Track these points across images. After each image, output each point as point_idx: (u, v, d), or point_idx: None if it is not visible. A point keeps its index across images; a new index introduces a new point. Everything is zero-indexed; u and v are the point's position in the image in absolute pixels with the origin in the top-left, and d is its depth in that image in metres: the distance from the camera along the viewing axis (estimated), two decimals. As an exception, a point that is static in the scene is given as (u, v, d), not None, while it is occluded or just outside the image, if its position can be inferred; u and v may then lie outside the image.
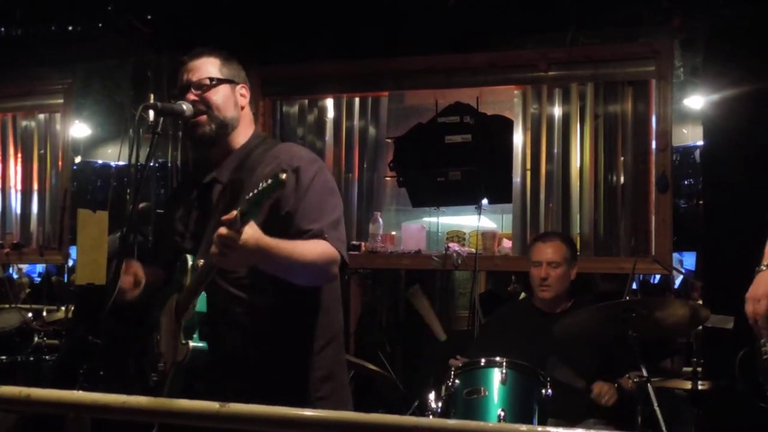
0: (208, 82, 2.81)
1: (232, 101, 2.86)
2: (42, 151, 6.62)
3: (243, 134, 2.89)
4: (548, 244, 4.34)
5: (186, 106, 2.83)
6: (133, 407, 2.10)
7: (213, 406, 2.08)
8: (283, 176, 2.25)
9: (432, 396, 3.70)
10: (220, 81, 2.82)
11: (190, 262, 2.72)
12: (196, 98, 2.80)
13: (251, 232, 2.38)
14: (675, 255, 6.75)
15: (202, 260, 2.65)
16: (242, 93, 2.90)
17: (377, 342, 5.91)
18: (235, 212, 2.31)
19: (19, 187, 6.69)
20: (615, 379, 3.95)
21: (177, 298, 2.75)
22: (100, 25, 5.80)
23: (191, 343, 2.64)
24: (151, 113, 2.77)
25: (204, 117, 2.80)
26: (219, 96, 2.82)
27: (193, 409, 2.15)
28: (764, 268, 3.01)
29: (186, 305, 2.68)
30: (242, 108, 2.89)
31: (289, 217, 2.66)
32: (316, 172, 2.75)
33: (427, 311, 5.00)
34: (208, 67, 2.84)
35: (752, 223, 4.49)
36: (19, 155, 6.69)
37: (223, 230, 2.32)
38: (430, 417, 3.60)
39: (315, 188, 2.73)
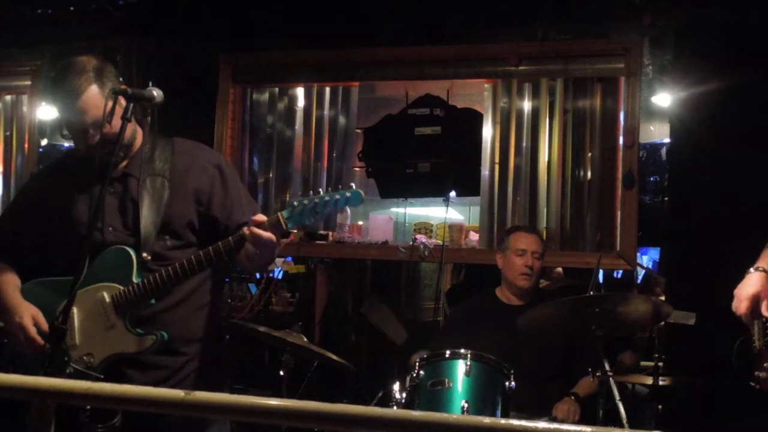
0: (102, 119, 2.75)
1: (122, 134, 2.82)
2: (8, 133, 6.52)
3: (137, 135, 2.97)
4: (532, 234, 4.44)
5: (156, 92, 2.84)
6: (97, 393, 2.09)
7: (178, 394, 2.08)
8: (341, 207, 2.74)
9: (396, 387, 3.70)
10: (111, 114, 2.75)
11: (134, 257, 2.81)
12: (97, 137, 2.79)
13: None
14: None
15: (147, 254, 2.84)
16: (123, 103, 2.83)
17: (342, 332, 5.93)
18: (279, 215, 2.66)
19: (-16, 169, 6.60)
20: (571, 390, 4.02)
21: (117, 291, 2.82)
22: (70, 8, 5.73)
23: (160, 334, 2.81)
24: (121, 99, 2.80)
25: (107, 148, 2.78)
26: (116, 128, 2.78)
27: (157, 396, 2.14)
28: (752, 270, 3.07)
29: (143, 299, 2.79)
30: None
31: (220, 210, 2.92)
32: (230, 166, 3.06)
33: (385, 322, 5.01)
34: (96, 102, 2.78)
35: (716, 221, 4.58)
36: (-14, 137, 6.60)
37: (265, 233, 2.63)
38: (395, 408, 3.61)
39: (236, 182, 3.03)
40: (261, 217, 2.69)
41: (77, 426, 2.67)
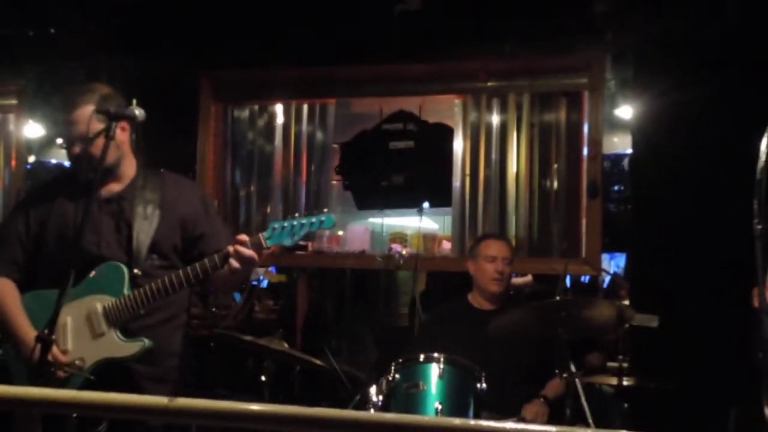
0: (88, 136, 2.94)
1: (113, 146, 2.95)
2: (-5, 151, 6.49)
3: (129, 163, 3.17)
4: (501, 241, 4.46)
5: (138, 111, 2.91)
6: (83, 402, 2.09)
7: (162, 401, 2.08)
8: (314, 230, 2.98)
9: (373, 390, 3.71)
10: (97, 135, 2.93)
11: (126, 272, 2.98)
12: (80, 151, 2.99)
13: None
14: (605, 256, 6.86)
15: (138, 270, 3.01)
16: (122, 127, 3.03)
17: (323, 338, 5.92)
18: (261, 236, 2.87)
19: (-28, 185, 6.55)
20: (539, 393, 4.04)
21: (109, 303, 2.96)
22: (52, 30, 5.70)
23: (146, 341, 2.97)
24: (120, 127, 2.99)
25: (93, 162, 2.95)
26: (98, 148, 2.91)
27: (141, 404, 2.15)
28: None
29: (133, 310, 2.94)
30: (122, 144, 3.09)
31: (201, 237, 3.13)
32: (210, 199, 3.40)
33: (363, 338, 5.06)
34: (86, 119, 2.95)
35: (677, 227, 4.63)
36: (-27, 155, 6.55)
37: (247, 251, 2.82)
38: (371, 410, 3.62)
39: (216, 214, 3.35)
40: (244, 237, 2.87)
41: None
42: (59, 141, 3.28)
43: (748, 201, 2.53)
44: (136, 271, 2.99)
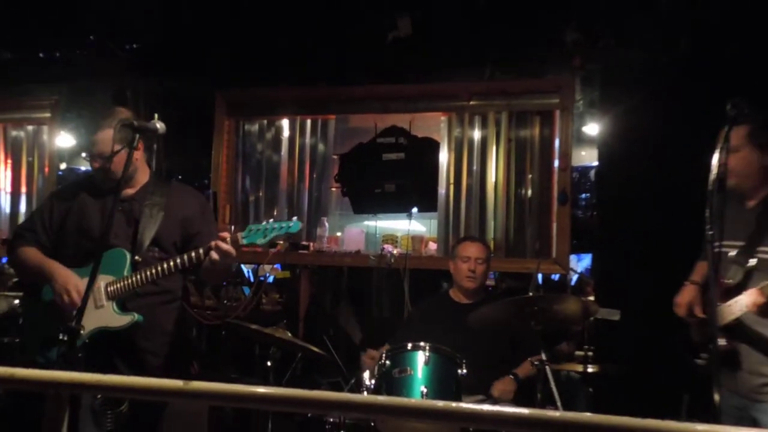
0: (107, 154, 3.13)
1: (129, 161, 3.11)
2: (30, 159, 6.46)
3: (142, 172, 3.38)
4: (476, 243, 4.43)
5: (159, 125, 2.94)
6: (106, 384, 2.07)
7: (178, 383, 2.07)
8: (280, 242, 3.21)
9: (366, 375, 3.71)
10: (114, 153, 3.10)
11: (128, 257, 3.17)
12: (99, 165, 3.22)
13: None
14: (573, 257, 6.86)
15: (140, 258, 3.19)
16: (136, 149, 3.16)
17: (322, 327, 5.90)
18: (239, 235, 3.02)
19: (9, 189, 6.51)
20: (512, 370, 4.03)
21: (110, 280, 3.14)
22: (83, 52, 5.70)
23: (136, 316, 3.14)
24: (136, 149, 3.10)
25: (110, 175, 3.18)
26: (117, 163, 3.11)
27: (159, 386, 2.13)
28: (687, 283, 3.31)
29: (131, 288, 3.13)
30: (137, 159, 3.28)
31: (197, 234, 3.29)
32: (208, 205, 3.54)
33: (349, 323, 5.05)
34: (106, 140, 3.12)
35: (637, 232, 4.63)
36: (9, 161, 6.51)
37: (224, 245, 2.99)
38: (365, 393, 3.62)
39: (211, 216, 3.54)
40: (226, 234, 3.05)
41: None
42: (83, 155, 3.38)
43: (701, 209, 2.54)
44: (137, 258, 3.17)
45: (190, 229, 3.32)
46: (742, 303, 2.89)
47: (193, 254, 3.09)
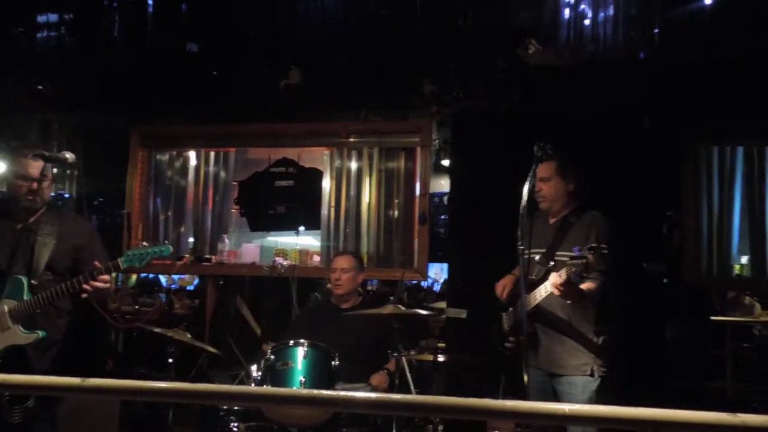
0: (36, 177, 3.09)
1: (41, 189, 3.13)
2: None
3: (43, 202, 3.23)
4: (342, 256, 4.41)
5: (69, 155, 2.88)
6: (12, 383, 1.98)
7: (76, 380, 2.00)
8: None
9: (254, 368, 3.68)
10: (44, 178, 3.10)
11: (25, 283, 3.08)
12: (34, 188, 3.12)
13: None
14: (439, 265, 7.00)
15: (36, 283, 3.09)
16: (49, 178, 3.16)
17: (226, 329, 5.80)
18: (119, 261, 2.97)
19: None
20: (384, 365, 4.03)
21: (13, 305, 3.05)
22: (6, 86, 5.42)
23: (40, 333, 3.09)
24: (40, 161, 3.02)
25: (37, 199, 3.14)
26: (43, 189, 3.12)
27: (60, 383, 2.05)
28: (508, 275, 3.49)
29: (31, 310, 3.05)
30: (46, 188, 3.18)
31: (85, 259, 3.17)
32: (97, 234, 3.41)
33: (247, 314, 4.99)
34: (37, 165, 3.09)
35: (482, 246, 4.77)
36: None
37: (97, 283, 2.97)
38: (252, 384, 3.59)
39: (99, 242, 3.36)
40: (98, 264, 3.01)
41: None
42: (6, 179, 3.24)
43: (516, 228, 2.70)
44: (33, 282, 3.08)
45: (80, 254, 3.24)
46: (547, 285, 3.04)
47: (75, 281, 3.03)
